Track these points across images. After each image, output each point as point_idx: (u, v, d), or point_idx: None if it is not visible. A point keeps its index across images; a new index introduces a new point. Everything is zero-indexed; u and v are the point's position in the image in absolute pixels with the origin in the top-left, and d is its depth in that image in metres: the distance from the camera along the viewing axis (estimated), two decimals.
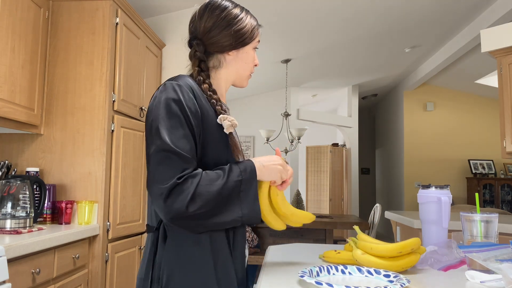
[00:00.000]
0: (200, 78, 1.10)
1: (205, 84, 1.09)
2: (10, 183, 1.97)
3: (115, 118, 2.39)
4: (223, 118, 1.06)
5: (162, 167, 0.94)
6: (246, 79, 1.20)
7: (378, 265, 1.06)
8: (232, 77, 1.18)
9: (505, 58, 3.22)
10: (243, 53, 1.15)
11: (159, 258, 1.00)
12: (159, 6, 3.32)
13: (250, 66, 1.18)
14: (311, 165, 7.61)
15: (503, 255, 1.01)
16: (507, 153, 3.18)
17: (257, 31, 1.17)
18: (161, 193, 0.92)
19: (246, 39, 1.14)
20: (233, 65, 1.16)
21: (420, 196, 1.37)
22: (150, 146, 0.98)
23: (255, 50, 1.19)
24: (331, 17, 4.16)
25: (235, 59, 1.15)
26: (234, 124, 1.07)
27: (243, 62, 1.16)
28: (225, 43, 1.11)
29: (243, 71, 1.17)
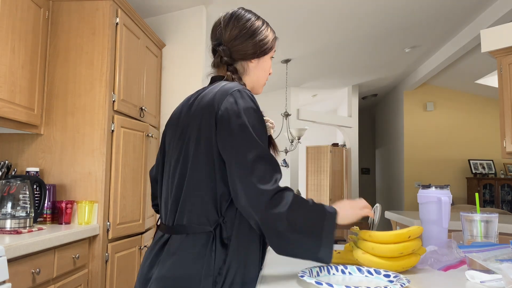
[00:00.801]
0: (235, 80, 1.17)
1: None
2: (10, 183, 1.97)
3: (115, 118, 2.39)
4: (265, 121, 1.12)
5: (263, 171, 1.00)
6: (262, 87, 1.28)
7: (378, 265, 1.06)
8: (252, 84, 1.24)
9: (505, 58, 3.22)
10: (263, 62, 1.23)
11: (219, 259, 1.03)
12: (159, 6, 3.32)
13: (267, 75, 1.27)
14: (311, 165, 7.61)
15: (503, 255, 1.01)
16: (507, 153, 3.18)
17: (275, 42, 1.26)
18: (264, 193, 0.98)
19: (267, 49, 1.23)
20: (254, 73, 1.23)
21: (420, 196, 1.37)
22: (247, 152, 1.01)
23: (272, 60, 1.27)
24: (331, 17, 4.16)
25: (256, 67, 1.23)
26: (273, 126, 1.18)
27: (263, 70, 1.24)
28: (249, 51, 1.19)
29: (261, 78, 1.25)
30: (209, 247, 1.05)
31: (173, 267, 1.05)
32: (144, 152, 2.76)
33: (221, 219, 1.06)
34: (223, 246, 1.05)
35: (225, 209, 1.06)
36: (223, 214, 1.06)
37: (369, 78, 6.95)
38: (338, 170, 7.42)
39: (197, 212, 1.07)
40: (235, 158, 1.02)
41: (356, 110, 7.50)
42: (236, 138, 1.03)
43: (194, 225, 1.07)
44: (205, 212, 1.07)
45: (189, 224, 1.07)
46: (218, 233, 1.05)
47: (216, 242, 1.05)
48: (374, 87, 7.64)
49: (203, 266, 1.03)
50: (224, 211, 1.06)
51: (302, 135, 5.38)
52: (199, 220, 1.07)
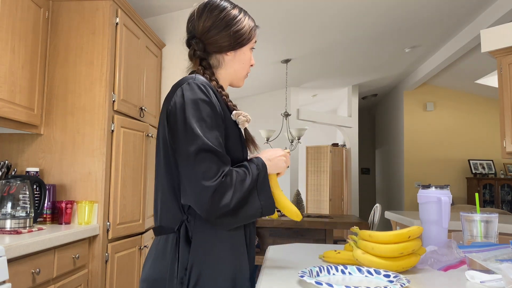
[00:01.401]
0: (206, 76, 1.11)
1: (213, 81, 1.11)
2: (10, 183, 1.97)
3: (115, 118, 2.39)
4: (237, 114, 1.09)
5: (206, 165, 0.96)
6: (243, 79, 1.22)
7: (378, 265, 1.06)
8: (230, 77, 1.19)
9: (505, 58, 3.22)
10: (241, 54, 1.16)
11: (183, 259, 1.01)
12: (159, 6, 3.32)
13: (247, 67, 1.19)
14: (311, 165, 7.61)
15: (503, 255, 1.01)
16: (507, 153, 3.18)
17: (254, 32, 1.18)
18: (207, 190, 0.94)
19: (244, 40, 1.15)
20: (231, 66, 1.17)
21: (420, 196, 1.37)
22: (189, 146, 0.97)
23: (252, 51, 1.20)
24: (331, 17, 4.16)
25: (233, 60, 1.16)
26: (248, 119, 1.11)
27: (241, 63, 1.17)
28: (224, 43, 1.12)
29: (240, 71, 1.19)
30: (174, 247, 1.03)
31: (148, 269, 1.07)
32: (144, 152, 2.76)
33: (185, 217, 1.04)
34: (187, 245, 1.02)
35: (187, 207, 1.04)
36: (186, 213, 1.03)
37: (369, 78, 6.95)
38: (338, 170, 7.42)
39: (166, 212, 1.07)
40: (180, 155, 1.00)
41: (356, 110, 7.50)
42: (179, 133, 1.00)
43: (166, 226, 1.07)
44: (172, 212, 1.06)
45: (163, 225, 1.08)
46: (183, 232, 1.03)
47: (180, 242, 1.02)
48: (374, 87, 7.64)
49: (169, 267, 1.02)
50: (187, 209, 1.04)
51: (302, 135, 5.38)
52: (168, 221, 1.07)
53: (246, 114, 1.11)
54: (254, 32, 1.18)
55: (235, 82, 1.21)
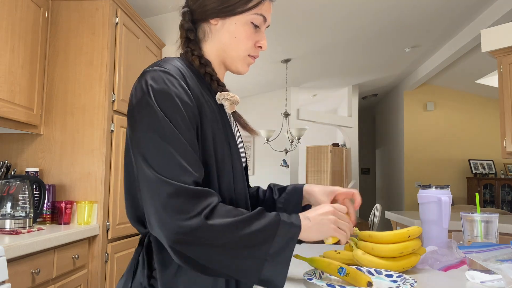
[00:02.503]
0: (187, 49, 0.92)
1: (193, 56, 0.91)
2: (10, 183, 1.96)
3: (114, 118, 2.39)
4: (221, 96, 0.91)
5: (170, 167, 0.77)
6: (240, 61, 0.94)
7: (378, 265, 1.06)
8: (219, 54, 0.94)
9: (505, 58, 3.21)
10: (231, 25, 0.90)
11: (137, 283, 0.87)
12: (159, 6, 3.32)
13: (244, 45, 0.92)
14: (311, 165, 7.61)
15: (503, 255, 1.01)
16: (507, 153, 3.18)
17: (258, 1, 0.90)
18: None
19: (235, 5, 0.89)
20: (217, 38, 0.92)
21: (420, 196, 1.36)
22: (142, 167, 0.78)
23: (259, 28, 0.93)
24: (331, 17, 4.16)
25: (220, 31, 0.92)
26: (235, 101, 0.92)
27: (232, 37, 0.91)
28: (207, 7, 0.90)
29: (231, 48, 0.92)
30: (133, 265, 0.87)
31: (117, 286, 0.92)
32: None
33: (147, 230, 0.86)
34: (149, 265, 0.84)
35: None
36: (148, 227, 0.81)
37: (369, 78, 6.95)
38: (338, 170, 7.41)
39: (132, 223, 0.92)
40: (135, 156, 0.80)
41: (356, 110, 7.50)
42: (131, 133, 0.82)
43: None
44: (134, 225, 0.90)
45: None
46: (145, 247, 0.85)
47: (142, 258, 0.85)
48: (374, 87, 7.64)
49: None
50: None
51: (302, 135, 5.38)
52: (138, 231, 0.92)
53: (232, 95, 0.91)
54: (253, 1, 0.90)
55: (229, 63, 0.95)
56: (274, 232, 0.77)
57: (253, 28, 0.92)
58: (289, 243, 0.78)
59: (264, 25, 0.94)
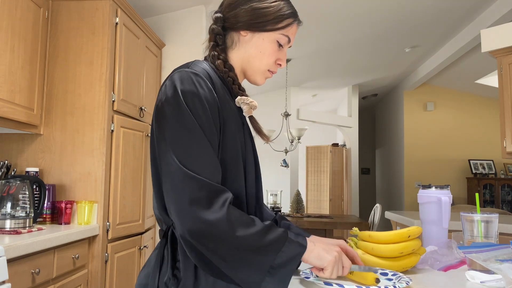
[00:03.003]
0: (214, 53, 0.98)
1: (219, 60, 0.97)
2: (10, 183, 1.96)
3: (114, 118, 2.39)
4: (241, 101, 0.96)
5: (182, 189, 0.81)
6: (260, 75, 1.01)
7: (378, 266, 1.06)
8: (243, 64, 1.00)
9: (505, 58, 3.21)
10: (259, 39, 0.97)
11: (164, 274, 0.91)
12: (159, 6, 3.32)
13: (267, 60, 0.98)
14: (311, 165, 7.60)
15: (503, 255, 1.01)
16: (507, 153, 3.18)
17: (284, 21, 0.97)
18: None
19: (266, 23, 0.96)
20: (244, 49, 0.99)
21: (420, 196, 1.36)
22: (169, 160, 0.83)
23: (283, 47, 1.00)
24: (331, 17, 4.16)
25: (248, 43, 0.98)
26: (253, 106, 0.97)
27: (257, 50, 0.98)
28: (240, 18, 0.96)
29: (256, 60, 0.98)
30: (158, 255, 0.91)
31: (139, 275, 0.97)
32: (144, 152, 2.75)
33: (171, 222, 0.90)
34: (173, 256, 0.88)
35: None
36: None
37: (369, 78, 6.95)
38: (338, 170, 7.41)
39: (157, 215, 0.97)
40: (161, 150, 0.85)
41: (356, 110, 7.50)
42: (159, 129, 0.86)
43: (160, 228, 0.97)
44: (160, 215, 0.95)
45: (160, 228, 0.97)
46: (169, 239, 0.89)
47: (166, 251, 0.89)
48: (374, 87, 7.64)
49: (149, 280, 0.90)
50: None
51: (302, 135, 5.38)
52: (160, 223, 0.96)
53: (251, 100, 0.97)
54: (285, 21, 0.97)
55: (250, 74, 1.01)
56: (280, 246, 0.81)
57: (277, 46, 0.99)
58: (292, 260, 0.81)
59: (288, 45, 1.01)
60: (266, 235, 0.81)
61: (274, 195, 5.55)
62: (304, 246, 0.83)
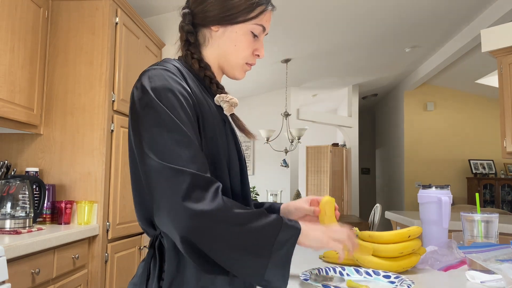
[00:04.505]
0: (187, 52, 0.93)
1: (193, 59, 0.93)
2: (10, 183, 1.96)
3: (114, 118, 2.38)
4: (220, 99, 0.92)
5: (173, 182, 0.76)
6: (239, 69, 0.96)
7: (379, 266, 1.06)
8: (219, 60, 0.96)
9: (505, 58, 3.21)
10: (232, 33, 0.92)
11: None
12: (159, 6, 3.32)
13: (243, 53, 0.94)
14: (311, 165, 7.60)
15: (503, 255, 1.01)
16: (508, 153, 3.18)
17: (256, 10, 0.92)
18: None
19: (236, 14, 0.91)
20: (218, 45, 0.94)
21: (421, 196, 1.36)
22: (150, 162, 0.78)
23: (258, 37, 0.95)
24: (331, 17, 4.16)
25: (221, 38, 0.93)
26: (233, 104, 0.92)
27: (231, 44, 0.93)
28: (209, 13, 0.91)
29: (231, 56, 0.94)
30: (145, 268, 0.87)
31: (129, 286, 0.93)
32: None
33: (158, 232, 0.87)
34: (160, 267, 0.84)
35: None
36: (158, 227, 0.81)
37: (369, 78, 6.95)
38: (338, 170, 7.41)
39: (142, 226, 0.92)
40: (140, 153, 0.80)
41: (356, 110, 7.50)
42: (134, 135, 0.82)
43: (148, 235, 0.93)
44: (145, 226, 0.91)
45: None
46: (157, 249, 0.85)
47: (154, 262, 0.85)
48: (374, 87, 7.64)
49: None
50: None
51: (302, 135, 5.38)
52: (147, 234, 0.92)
53: (231, 97, 0.92)
54: (255, 11, 0.92)
55: (228, 70, 0.97)
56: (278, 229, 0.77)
57: (252, 37, 0.94)
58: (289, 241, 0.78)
59: (263, 34, 0.97)
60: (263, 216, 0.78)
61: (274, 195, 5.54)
62: (298, 228, 0.80)
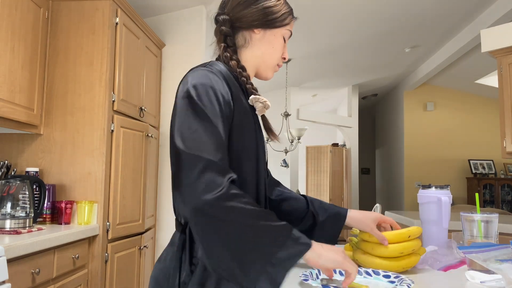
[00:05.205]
0: (227, 54, 1.02)
1: (233, 61, 1.01)
2: (10, 183, 1.96)
3: (114, 118, 2.39)
4: (255, 100, 1.00)
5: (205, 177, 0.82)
6: (272, 69, 1.08)
7: (379, 266, 1.06)
8: (256, 61, 1.05)
9: (505, 58, 3.21)
10: (271, 35, 1.04)
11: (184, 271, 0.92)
12: (159, 6, 3.32)
13: (278, 55, 1.06)
14: (311, 165, 7.61)
15: (503, 255, 1.01)
16: (507, 153, 3.18)
17: (288, 17, 1.06)
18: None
19: (275, 20, 1.03)
20: (258, 47, 1.04)
21: (420, 196, 1.36)
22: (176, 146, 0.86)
23: (285, 43, 1.08)
24: (332, 17, 4.16)
25: (261, 40, 1.04)
26: (266, 106, 1.00)
27: (270, 46, 1.04)
28: (252, 17, 1.02)
29: (269, 56, 1.05)
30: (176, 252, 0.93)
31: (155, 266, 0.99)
32: (144, 152, 2.76)
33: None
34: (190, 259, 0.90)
35: None
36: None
37: (369, 78, 6.95)
38: (338, 170, 7.42)
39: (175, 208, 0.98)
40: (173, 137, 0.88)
41: (356, 110, 7.50)
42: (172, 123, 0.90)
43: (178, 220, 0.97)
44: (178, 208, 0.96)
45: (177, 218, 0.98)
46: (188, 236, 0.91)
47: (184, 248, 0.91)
48: (374, 87, 7.64)
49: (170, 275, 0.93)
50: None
51: (302, 135, 5.38)
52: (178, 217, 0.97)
53: (265, 99, 1.00)
54: (288, 18, 1.06)
55: (262, 70, 1.07)
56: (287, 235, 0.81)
57: (283, 41, 1.07)
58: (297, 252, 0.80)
59: (288, 39, 1.10)
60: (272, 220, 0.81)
61: None
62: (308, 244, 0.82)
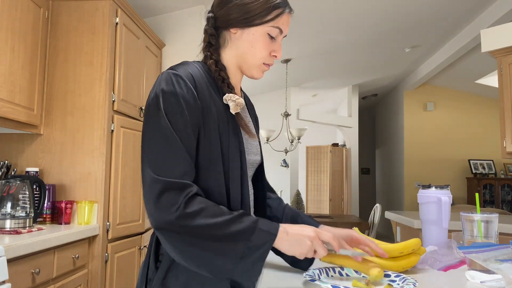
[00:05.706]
0: (207, 53, 1.01)
1: (211, 60, 0.99)
2: (10, 183, 1.96)
3: (115, 118, 2.39)
4: (228, 98, 0.97)
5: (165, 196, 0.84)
6: (256, 69, 1.01)
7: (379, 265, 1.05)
8: (237, 60, 1.01)
9: (505, 58, 3.21)
10: (248, 34, 0.98)
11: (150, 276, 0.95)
12: (159, 6, 3.32)
13: (260, 54, 0.99)
14: (311, 165, 7.61)
15: (503, 255, 1.01)
16: (507, 153, 3.18)
17: (274, 13, 0.97)
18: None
19: (253, 17, 0.96)
20: (237, 46, 1.00)
21: (420, 196, 1.36)
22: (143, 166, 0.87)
23: (275, 39, 1.00)
24: (332, 17, 4.16)
25: (239, 39, 0.99)
26: (239, 103, 0.97)
27: (249, 46, 0.98)
28: (229, 16, 0.98)
29: (250, 56, 0.99)
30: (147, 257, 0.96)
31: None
32: None
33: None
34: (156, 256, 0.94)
35: None
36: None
37: (369, 78, 6.95)
38: (338, 170, 7.42)
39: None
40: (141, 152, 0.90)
41: (356, 110, 7.50)
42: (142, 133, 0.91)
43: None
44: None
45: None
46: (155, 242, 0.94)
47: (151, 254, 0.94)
48: (374, 87, 7.64)
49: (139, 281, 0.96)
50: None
51: (302, 135, 5.38)
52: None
53: (238, 97, 0.97)
54: (272, 14, 0.96)
55: (245, 69, 1.02)
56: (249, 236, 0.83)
57: (269, 38, 0.99)
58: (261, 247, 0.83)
59: (281, 36, 1.01)
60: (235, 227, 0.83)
61: None
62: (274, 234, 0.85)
